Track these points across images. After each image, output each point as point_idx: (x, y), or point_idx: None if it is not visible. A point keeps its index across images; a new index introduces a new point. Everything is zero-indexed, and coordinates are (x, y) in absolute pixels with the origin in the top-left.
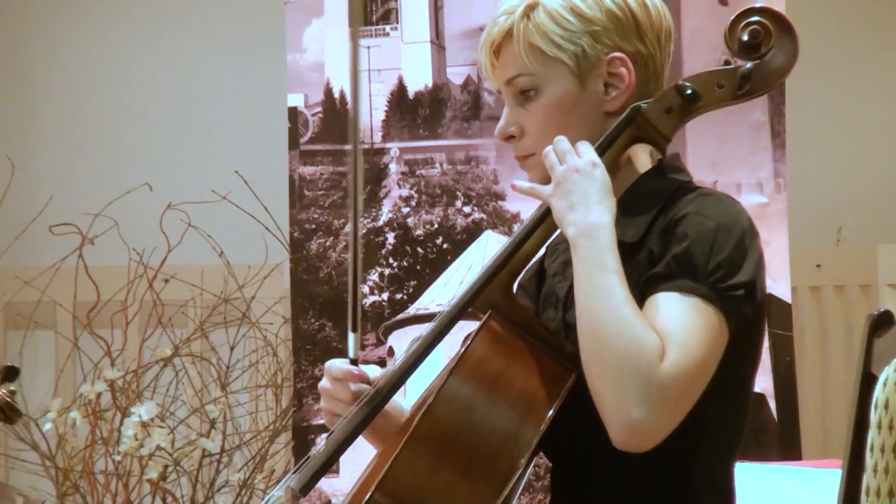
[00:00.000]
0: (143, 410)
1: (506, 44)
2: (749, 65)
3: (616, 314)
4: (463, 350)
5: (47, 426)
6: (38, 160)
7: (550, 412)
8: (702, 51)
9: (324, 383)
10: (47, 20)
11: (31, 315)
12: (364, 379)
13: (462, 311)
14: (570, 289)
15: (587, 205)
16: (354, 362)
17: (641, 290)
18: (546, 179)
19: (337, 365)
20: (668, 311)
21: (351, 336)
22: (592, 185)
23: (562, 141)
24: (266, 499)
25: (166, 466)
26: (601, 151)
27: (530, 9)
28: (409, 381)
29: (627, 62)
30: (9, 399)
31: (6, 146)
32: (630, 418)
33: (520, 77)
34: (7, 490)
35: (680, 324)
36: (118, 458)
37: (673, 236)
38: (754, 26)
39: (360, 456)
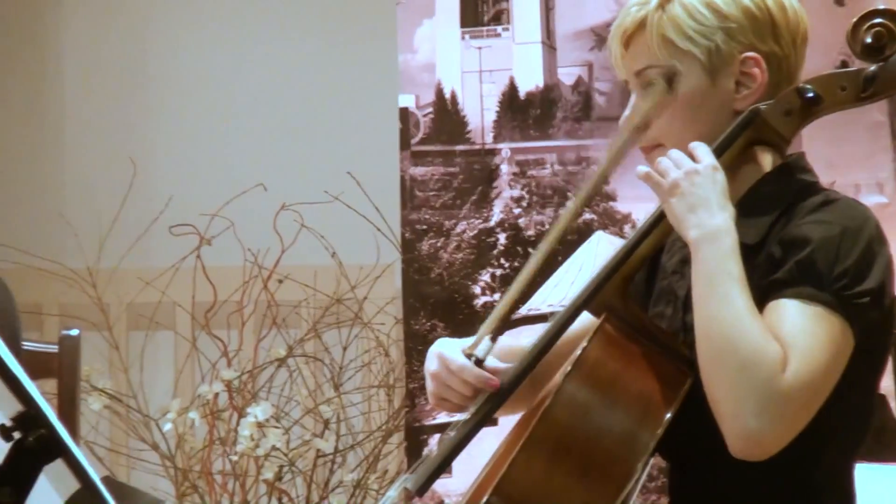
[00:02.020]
0: (259, 411)
1: (637, 34)
2: (873, 67)
3: (737, 323)
4: (578, 353)
5: (167, 426)
6: (158, 161)
7: (668, 415)
8: (818, 52)
9: (438, 369)
10: (167, 25)
11: (151, 315)
12: (497, 386)
13: (577, 313)
14: (690, 290)
15: (709, 208)
16: (480, 363)
17: (762, 293)
18: (658, 174)
19: (470, 370)
20: (790, 318)
21: (487, 342)
22: (714, 189)
23: (676, 151)
24: (381, 499)
25: (281, 467)
26: (719, 152)
27: (666, 1)
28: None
29: (761, 62)
30: None
31: (129, 147)
32: (748, 428)
33: (650, 69)
34: (127, 489)
35: (802, 332)
36: (235, 458)
37: (795, 241)
38: (878, 28)
39: (475, 457)
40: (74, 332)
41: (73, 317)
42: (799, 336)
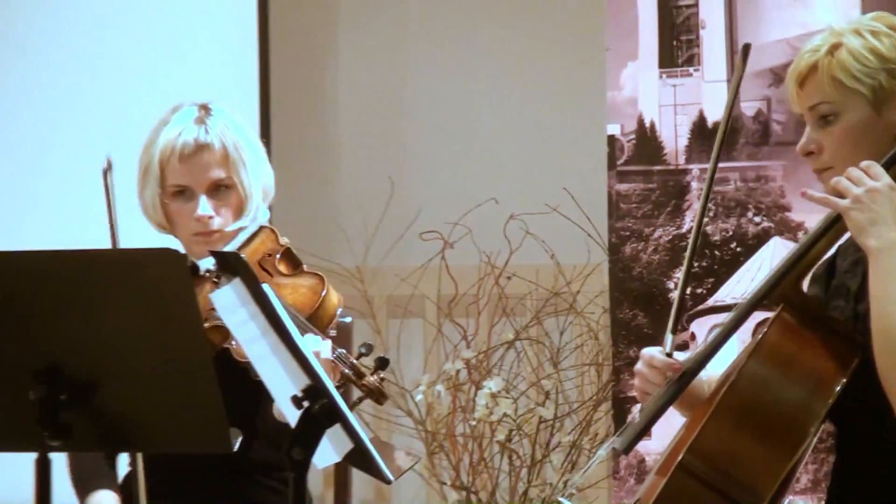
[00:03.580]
0: (493, 384)
1: (810, 76)
2: None
3: None
4: (760, 336)
5: (419, 397)
6: (411, 180)
7: (837, 388)
8: None
9: (640, 367)
10: (419, 73)
11: (405, 306)
12: (678, 369)
13: (758, 303)
14: (861, 285)
15: (887, 223)
16: (669, 355)
17: None
18: (837, 192)
19: (658, 357)
20: None
21: (670, 336)
22: (891, 207)
23: (854, 170)
24: (593, 457)
25: (511, 430)
26: (889, 164)
27: (834, 48)
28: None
29: None
30: (379, 385)
31: (388, 169)
32: None
33: (822, 104)
34: (389, 448)
35: None
36: (473, 423)
37: None
38: None
39: (669, 425)
40: (348, 319)
41: (345, 307)
42: None
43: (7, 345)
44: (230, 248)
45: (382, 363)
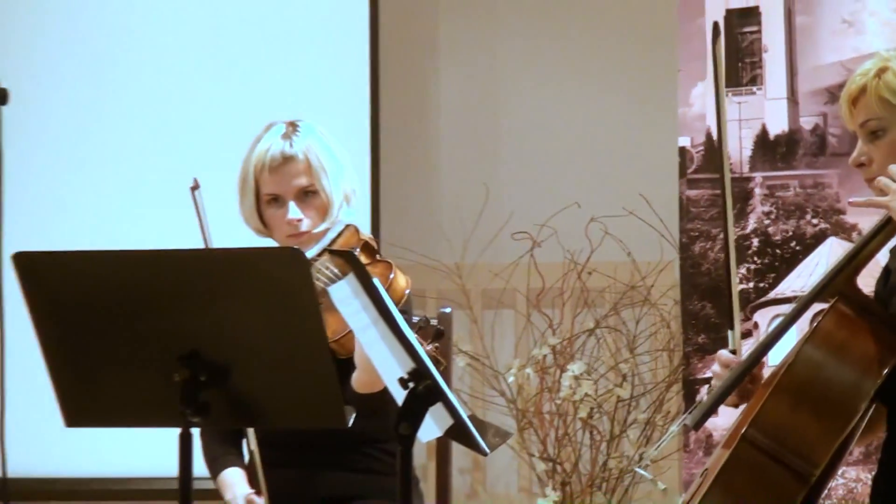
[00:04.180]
0: (576, 367)
1: (860, 96)
2: None
3: None
4: (815, 325)
5: (510, 379)
6: (504, 186)
7: (885, 370)
8: None
9: (716, 369)
10: (511, 90)
11: (499, 298)
12: (732, 360)
13: (816, 296)
14: None
15: None
16: (734, 352)
17: None
18: (882, 191)
19: (725, 356)
20: None
21: (730, 333)
22: None
23: (894, 167)
24: (666, 433)
25: (592, 408)
26: None
27: (882, 71)
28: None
29: None
30: (435, 354)
31: (483, 176)
32: None
33: (870, 121)
34: (486, 424)
35: None
36: (559, 402)
37: None
38: None
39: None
40: (447, 309)
41: (445, 299)
42: None
43: (156, 333)
44: (320, 245)
45: (438, 334)
